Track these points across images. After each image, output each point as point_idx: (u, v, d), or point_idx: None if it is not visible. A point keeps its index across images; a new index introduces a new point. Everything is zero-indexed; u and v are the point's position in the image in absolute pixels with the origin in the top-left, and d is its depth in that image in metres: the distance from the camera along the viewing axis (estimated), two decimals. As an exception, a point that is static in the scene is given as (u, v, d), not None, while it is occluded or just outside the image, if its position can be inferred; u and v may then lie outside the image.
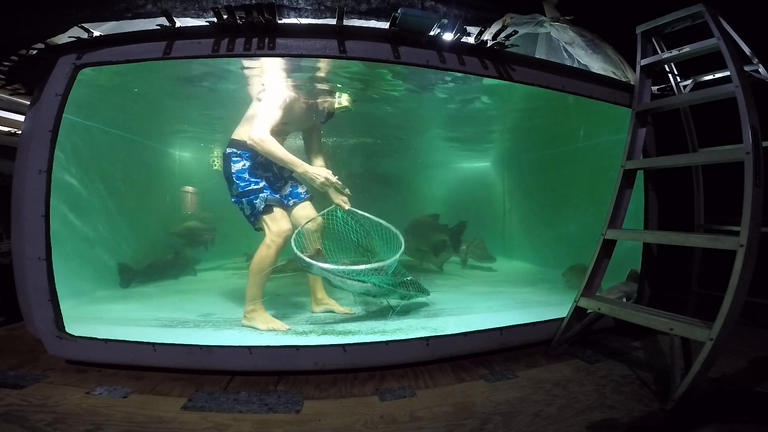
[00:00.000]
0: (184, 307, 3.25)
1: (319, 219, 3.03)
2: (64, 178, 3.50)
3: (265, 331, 2.61)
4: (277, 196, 2.82)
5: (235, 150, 2.81)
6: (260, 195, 2.74)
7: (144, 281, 4.26)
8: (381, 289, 2.86)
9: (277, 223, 2.74)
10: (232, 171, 2.79)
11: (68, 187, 3.55)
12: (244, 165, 2.79)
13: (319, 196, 3.02)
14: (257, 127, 2.66)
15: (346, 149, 6.53)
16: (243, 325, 2.69)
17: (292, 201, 2.98)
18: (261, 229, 2.80)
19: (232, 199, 2.81)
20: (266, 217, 2.75)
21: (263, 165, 2.86)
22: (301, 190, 3.03)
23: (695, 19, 2.40)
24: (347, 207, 2.95)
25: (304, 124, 3.10)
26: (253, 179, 2.78)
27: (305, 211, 2.99)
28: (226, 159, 2.82)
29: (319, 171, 2.79)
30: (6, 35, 2.20)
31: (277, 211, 2.76)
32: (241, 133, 2.82)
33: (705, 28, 2.26)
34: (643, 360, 2.34)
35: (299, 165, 2.72)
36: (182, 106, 4.55)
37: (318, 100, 3.03)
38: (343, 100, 3.00)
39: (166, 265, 4.65)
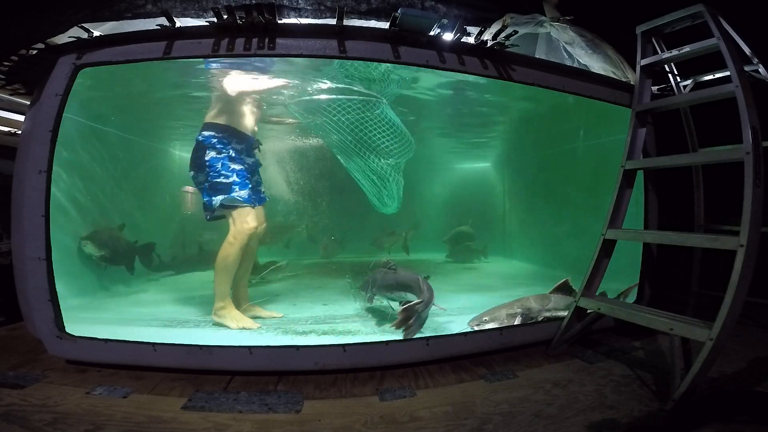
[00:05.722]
0: (184, 307, 3.25)
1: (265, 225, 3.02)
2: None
3: (235, 329, 2.61)
4: (248, 190, 2.70)
5: (213, 133, 2.66)
6: (229, 192, 2.64)
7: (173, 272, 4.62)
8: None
9: (243, 220, 2.67)
10: (206, 159, 2.65)
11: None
12: (219, 154, 2.65)
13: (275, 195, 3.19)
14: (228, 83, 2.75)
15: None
16: (214, 322, 2.68)
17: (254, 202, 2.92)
18: (215, 219, 2.74)
19: (197, 186, 2.74)
20: (234, 213, 2.67)
21: (235, 158, 2.71)
22: (261, 189, 2.97)
23: (695, 19, 2.40)
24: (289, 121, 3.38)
25: (247, 124, 3.00)
26: (225, 171, 2.65)
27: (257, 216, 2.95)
28: (200, 145, 2.67)
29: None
30: (6, 35, 2.20)
31: (246, 208, 2.68)
32: (215, 115, 2.71)
33: (705, 28, 2.26)
34: (643, 360, 2.34)
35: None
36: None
37: (268, 115, 3.23)
38: (285, 120, 3.37)
39: (191, 259, 4.85)
